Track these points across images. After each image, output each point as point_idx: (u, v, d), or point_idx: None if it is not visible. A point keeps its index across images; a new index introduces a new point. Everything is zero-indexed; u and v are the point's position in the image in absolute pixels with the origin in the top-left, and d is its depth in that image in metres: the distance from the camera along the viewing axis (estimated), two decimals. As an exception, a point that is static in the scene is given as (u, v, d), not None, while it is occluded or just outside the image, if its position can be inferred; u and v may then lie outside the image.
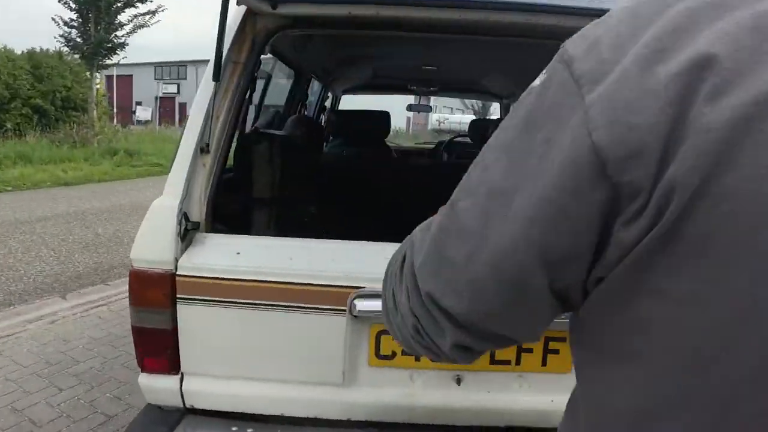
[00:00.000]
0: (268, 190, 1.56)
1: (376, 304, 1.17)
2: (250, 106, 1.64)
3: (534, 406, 1.29)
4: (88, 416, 2.29)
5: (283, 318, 1.18)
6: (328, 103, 3.76)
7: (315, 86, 3.36)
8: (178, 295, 1.19)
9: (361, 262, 1.21)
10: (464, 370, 1.27)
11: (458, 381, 1.28)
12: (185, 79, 37.70)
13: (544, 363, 1.27)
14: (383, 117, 2.36)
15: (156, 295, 1.19)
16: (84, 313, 3.49)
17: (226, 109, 1.30)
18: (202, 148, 1.29)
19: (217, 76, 1.25)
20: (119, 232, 5.72)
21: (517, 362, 1.27)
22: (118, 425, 2.24)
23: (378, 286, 1.18)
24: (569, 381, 1.29)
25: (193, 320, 1.20)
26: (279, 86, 2.48)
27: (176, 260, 1.19)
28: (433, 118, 27.34)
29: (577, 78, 0.38)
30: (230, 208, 1.44)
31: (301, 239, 1.27)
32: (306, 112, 2.95)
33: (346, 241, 1.27)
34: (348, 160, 2.27)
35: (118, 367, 2.73)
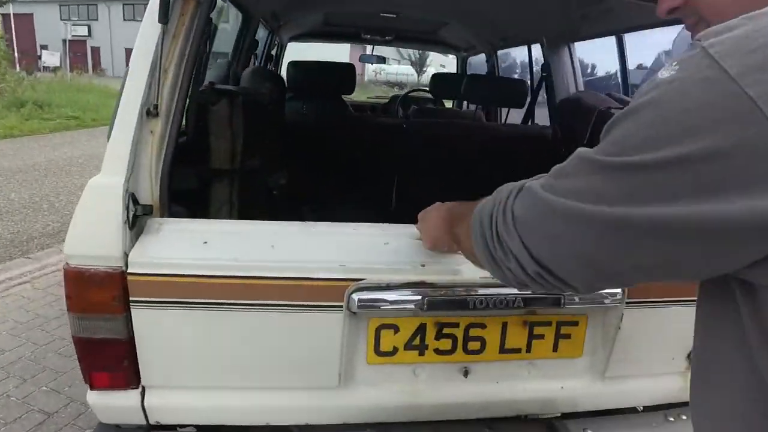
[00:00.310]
0: (228, 160, 1.31)
1: (377, 297, 1.01)
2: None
3: (543, 393, 1.20)
4: (23, 415, 2.01)
5: (267, 318, 0.99)
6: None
7: (259, 33, 3.00)
8: (131, 298, 0.96)
9: (358, 248, 1.03)
10: (472, 362, 1.15)
11: (465, 373, 1.16)
12: (96, 20, 34.03)
13: (555, 349, 1.18)
14: (348, 70, 2.10)
15: (103, 299, 0.95)
16: (4, 292, 3.08)
17: (177, 60, 1.03)
18: (149, 110, 1.02)
19: (164, 17, 0.97)
20: (35, 196, 5.11)
21: (528, 349, 1.17)
22: (59, 423, 1.98)
23: (378, 277, 1.01)
24: (579, 365, 1.19)
25: (153, 326, 0.98)
26: (224, 33, 2.13)
27: (126, 255, 0.95)
28: (370, 69, 26.67)
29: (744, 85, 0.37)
30: (183, 183, 1.19)
31: (281, 223, 1.06)
32: (256, 63, 2.61)
33: (337, 224, 1.07)
34: (311, 120, 2.02)
35: (52, 355, 2.42)
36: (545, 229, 0.52)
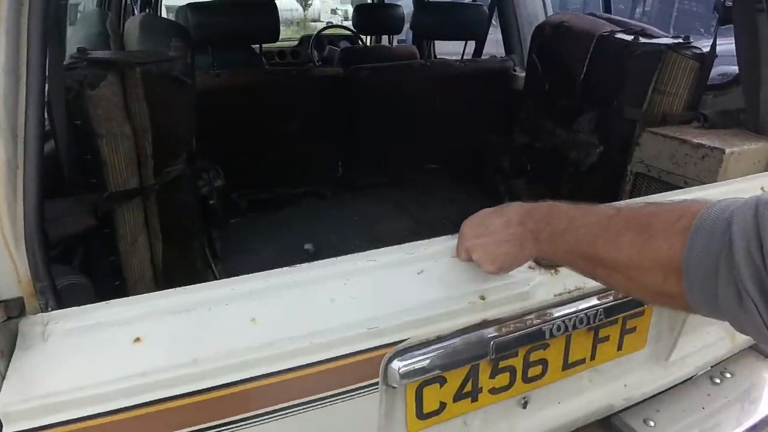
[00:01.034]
0: (134, 171, 0.85)
1: (426, 358, 0.69)
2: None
3: (605, 399, 0.99)
4: None
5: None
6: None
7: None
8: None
9: (385, 290, 0.68)
10: (531, 390, 0.89)
11: (524, 404, 0.90)
12: None
13: (620, 347, 0.96)
14: (270, 11, 1.58)
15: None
16: None
17: (8, 10, 0.56)
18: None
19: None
20: None
21: (592, 357, 0.93)
22: None
23: (424, 331, 0.67)
24: (641, 357, 0.95)
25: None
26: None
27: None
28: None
29: None
30: (66, 227, 0.74)
31: (258, 276, 0.66)
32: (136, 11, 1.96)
33: (343, 258, 0.70)
34: (226, 81, 1.51)
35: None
36: None
